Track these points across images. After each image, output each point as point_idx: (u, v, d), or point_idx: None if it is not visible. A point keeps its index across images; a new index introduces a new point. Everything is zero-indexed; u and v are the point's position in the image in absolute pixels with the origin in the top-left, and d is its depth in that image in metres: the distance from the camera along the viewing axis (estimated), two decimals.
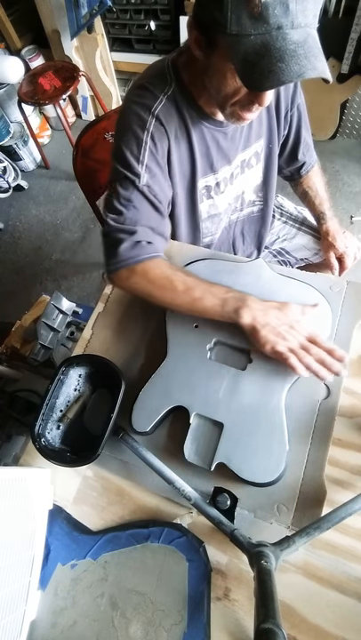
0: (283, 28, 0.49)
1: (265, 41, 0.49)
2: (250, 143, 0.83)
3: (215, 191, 0.84)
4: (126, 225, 0.69)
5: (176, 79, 0.69)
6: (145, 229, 0.70)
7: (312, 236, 1.11)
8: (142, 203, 0.70)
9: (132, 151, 0.69)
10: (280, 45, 0.49)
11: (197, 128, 0.73)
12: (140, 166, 0.69)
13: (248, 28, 0.49)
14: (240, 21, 0.49)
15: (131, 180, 0.69)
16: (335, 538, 0.57)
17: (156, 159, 0.70)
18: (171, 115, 0.70)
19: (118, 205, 0.70)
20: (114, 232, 0.70)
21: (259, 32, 0.49)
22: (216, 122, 0.74)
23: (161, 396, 0.66)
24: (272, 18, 0.48)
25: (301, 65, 0.49)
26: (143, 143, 0.68)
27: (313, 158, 1.00)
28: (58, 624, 0.59)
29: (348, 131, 2.17)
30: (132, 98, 0.70)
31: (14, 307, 1.86)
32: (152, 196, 0.70)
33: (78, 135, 1.15)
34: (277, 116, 0.84)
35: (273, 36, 0.49)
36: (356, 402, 0.65)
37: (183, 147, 0.74)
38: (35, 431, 0.64)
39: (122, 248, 0.69)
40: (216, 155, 0.78)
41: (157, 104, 0.68)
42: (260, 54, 0.50)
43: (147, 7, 2.00)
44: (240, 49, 0.51)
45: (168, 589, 0.58)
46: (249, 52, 0.50)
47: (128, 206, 0.69)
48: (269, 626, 0.40)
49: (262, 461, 0.58)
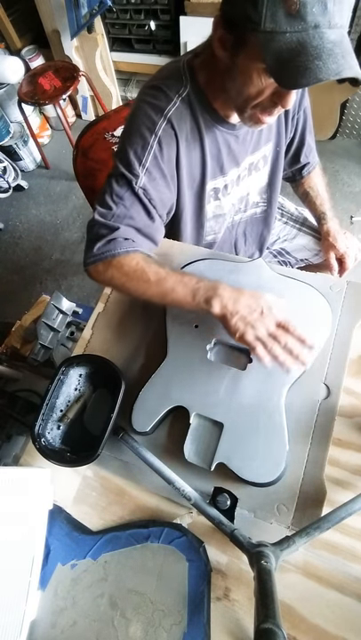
0: (320, 27, 0.49)
1: (301, 39, 0.49)
2: (259, 146, 0.83)
3: (223, 193, 0.84)
4: (111, 221, 0.69)
5: (192, 80, 0.68)
6: (128, 228, 0.70)
7: (313, 237, 1.11)
8: (134, 204, 0.70)
9: (135, 152, 0.68)
10: (317, 44, 0.49)
11: (210, 131, 0.73)
12: (141, 168, 0.68)
13: (284, 26, 0.49)
14: (275, 18, 0.49)
15: (128, 180, 0.69)
16: (335, 538, 0.57)
17: (159, 164, 0.69)
18: (184, 117, 0.69)
19: (109, 201, 0.70)
20: (97, 226, 0.70)
21: (295, 30, 0.49)
22: (229, 125, 0.73)
23: (161, 396, 0.66)
24: (310, 16, 0.48)
25: (339, 64, 0.49)
26: (149, 147, 0.68)
27: (315, 159, 1.00)
28: (58, 624, 0.59)
29: (349, 131, 2.17)
30: (146, 98, 0.69)
31: (14, 307, 1.87)
32: (146, 199, 0.70)
33: (78, 135, 1.15)
34: (286, 120, 0.84)
35: (310, 35, 0.49)
36: (356, 402, 0.65)
37: (194, 150, 0.73)
38: (35, 431, 0.64)
39: (100, 242, 0.69)
40: (227, 158, 0.78)
41: (171, 106, 0.68)
42: (295, 52, 0.49)
43: (147, 7, 2.00)
44: (274, 46, 0.50)
45: (168, 589, 0.58)
46: (284, 50, 0.50)
47: (118, 204, 0.69)
48: (269, 626, 0.40)
49: (262, 461, 0.58)
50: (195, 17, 1.87)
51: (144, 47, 2.19)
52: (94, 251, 0.69)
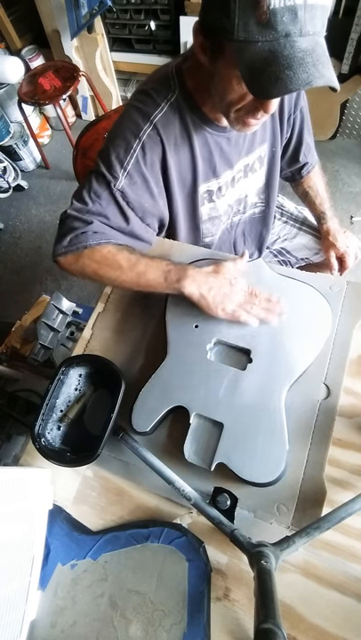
0: (291, 36, 0.48)
1: (272, 48, 0.49)
2: (253, 148, 0.83)
3: (217, 195, 0.84)
4: (85, 216, 0.69)
5: (180, 85, 0.69)
6: (102, 225, 0.70)
7: (313, 236, 1.11)
8: (110, 204, 0.70)
9: (118, 154, 0.69)
10: (288, 53, 0.48)
11: (200, 134, 0.73)
12: (122, 171, 0.69)
13: (255, 35, 0.49)
14: (247, 28, 0.48)
15: (107, 180, 0.69)
16: (335, 538, 0.57)
17: (141, 169, 0.70)
18: (171, 122, 0.69)
19: (86, 197, 0.70)
20: (70, 219, 0.70)
21: (266, 39, 0.48)
22: (219, 127, 0.73)
23: (161, 396, 0.66)
24: (280, 25, 0.47)
25: (309, 73, 0.48)
26: (132, 151, 0.68)
27: (314, 159, 1.00)
28: (58, 624, 0.59)
29: (349, 131, 2.17)
30: (134, 103, 0.70)
31: (14, 307, 1.86)
32: (124, 202, 0.70)
33: (78, 135, 1.15)
34: (281, 120, 0.84)
35: (281, 44, 0.48)
36: (356, 402, 0.65)
37: (184, 154, 0.73)
38: (35, 431, 0.64)
39: (72, 235, 0.69)
40: (219, 160, 0.78)
41: (158, 112, 0.68)
42: (267, 61, 0.49)
43: (147, 7, 1.99)
44: (247, 55, 0.50)
45: (168, 589, 0.58)
46: (256, 59, 0.50)
47: (95, 201, 0.70)
48: (269, 626, 0.40)
49: (262, 461, 0.58)
50: (195, 17, 1.86)
51: (144, 47, 2.19)
52: (64, 243, 0.69)
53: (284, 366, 0.64)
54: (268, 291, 0.70)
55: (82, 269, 0.71)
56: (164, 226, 0.83)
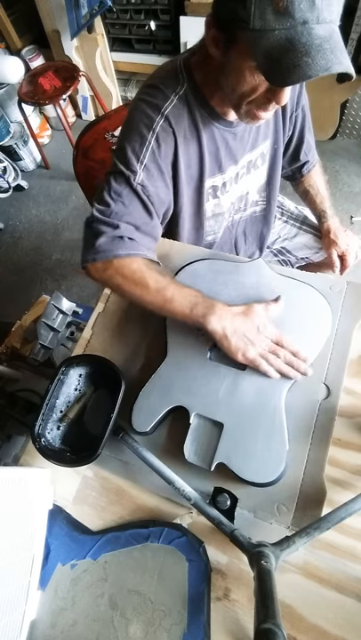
0: (308, 23, 0.48)
1: (290, 36, 0.49)
2: (257, 144, 0.83)
3: (221, 191, 0.84)
4: (110, 218, 0.68)
5: (188, 79, 0.69)
6: (128, 226, 0.69)
7: (313, 235, 1.11)
8: (132, 200, 0.69)
9: (133, 149, 0.68)
10: (306, 40, 0.48)
11: (208, 128, 0.73)
12: (139, 165, 0.68)
13: (272, 23, 0.49)
14: (264, 16, 0.48)
15: (126, 177, 0.69)
16: (335, 538, 0.57)
17: (156, 161, 0.70)
18: (181, 115, 0.69)
19: (107, 198, 0.69)
20: (96, 223, 0.69)
21: (283, 27, 0.49)
22: (226, 122, 0.73)
23: (161, 396, 0.66)
24: (298, 12, 0.47)
25: (328, 59, 0.48)
26: (147, 143, 0.68)
27: (315, 158, 1.00)
28: (58, 624, 0.59)
29: (349, 131, 2.17)
30: (143, 97, 0.70)
31: (14, 307, 1.86)
32: (145, 195, 0.70)
33: (78, 135, 1.16)
34: (283, 117, 0.84)
35: (298, 31, 0.49)
36: (356, 402, 0.65)
37: (192, 147, 0.73)
38: (35, 431, 0.64)
39: (101, 240, 0.68)
40: (225, 155, 0.78)
41: (168, 104, 0.68)
42: (284, 49, 0.49)
43: (147, 7, 1.99)
44: (263, 44, 0.50)
45: (168, 589, 0.58)
46: (273, 47, 0.50)
47: (117, 201, 0.69)
48: (269, 626, 0.40)
49: (262, 461, 0.58)
50: (195, 17, 1.87)
51: (144, 47, 2.19)
52: (95, 248, 0.68)
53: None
54: (267, 291, 0.70)
55: (108, 280, 0.70)
56: (165, 220, 0.83)
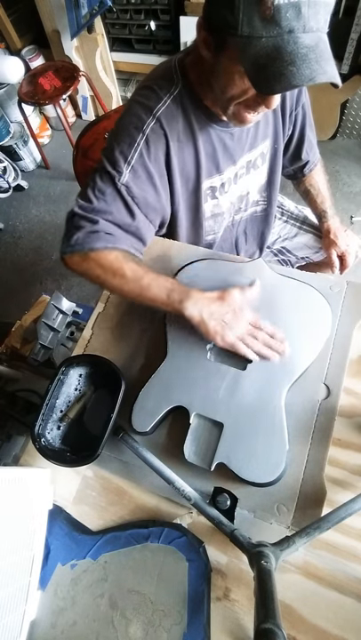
0: (295, 32, 0.49)
1: (277, 44, 0.49)
2: (256, 144, 0.83)
3: (220, 191, 0.83)
4: (90, 215, 0.69)
5: (183, 79, 0.69)
6: (107, 223, 0.70)
7: (313, 235, 1.11)
8: (115, 200, 0.70)
9: (121, 149, 0.69)
10: (291, 49, 0.49)
11: (204, 129, 0.73)
12: (126, 166, 0.68)
13: (259, 31, 0.49)
14: (251, 23, 0.49)
15: (111, 176, 0.69)
16: (335, 538, 0.57)
17: (145, 163, 0.70)
18: (175, 117, 0.69)
19: (91, 195, 0.70)
20: (77, 218, 0.69)
21: (270, 35, 0.49)
22: (223, 122, 0.73)
23: (161, 396, 0.66)
24: (284, 21, 0.48)
25: (313, 69, 0.49)
26: (135, 144, 0.68)
27: (316, 157, 1.00)
28: (58, 624, 0.59)
29: (349, 131, 2.17)
30: (136, 98, 0.70)
31: (14, 307, 1.86)
32: (129, 197, 0.70)
33: (78, 135, 1.16)
34: (283, 116, 0.84)
35: (285, 40, 0.49)
36: (356, 402, 0.65)
37: (187, 149, 0.73)
38: (35, 431, 0.64)
39: (79, 234, 0.68)
40: (222, 156, 0.78)
41: (161, 106, 0.68)
42: (271, 57, 0.49)
43: (147, 7, 1.99)
44: (251, 51, 0.51)
45: (168, 589, 0.58)
46: (260, 55, 0.50)
47: (100, 199, 0.69)
48: (269, 626, 0.40)
49: (262, 461, 0.58)
50: (195, 17, 1.87)
51: (144, 47, 2.19)
52: (71, 242, 0.69)
53: (283, 366, 0.64)
54: (267, 291, 0.70)
55: (86, 272, 0.71)
56: (165, 223, 0.83)
